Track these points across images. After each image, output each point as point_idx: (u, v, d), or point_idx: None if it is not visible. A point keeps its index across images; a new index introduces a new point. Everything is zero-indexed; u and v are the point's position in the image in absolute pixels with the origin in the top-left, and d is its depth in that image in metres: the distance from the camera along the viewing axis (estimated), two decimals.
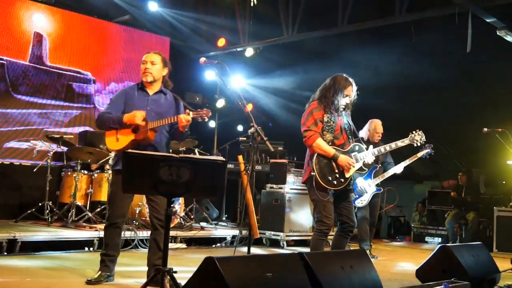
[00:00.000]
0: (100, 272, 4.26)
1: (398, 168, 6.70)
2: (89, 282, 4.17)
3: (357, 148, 4.54)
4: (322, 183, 4.34)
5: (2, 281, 4.18)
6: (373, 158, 4.65)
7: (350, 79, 4.53)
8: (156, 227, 4.25)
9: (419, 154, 6.50)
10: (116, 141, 4.28)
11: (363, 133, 6.85)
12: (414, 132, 5.15)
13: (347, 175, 4.42)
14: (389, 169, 6.77)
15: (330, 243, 4.75)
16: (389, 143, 4.98)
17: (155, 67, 4.35)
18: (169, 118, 4.19)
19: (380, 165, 6.65)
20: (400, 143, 5.07)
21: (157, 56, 4.39)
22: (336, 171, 4.39)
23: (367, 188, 6.61)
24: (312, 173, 4.36)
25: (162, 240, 4.08)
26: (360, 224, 6.67)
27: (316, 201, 4.41)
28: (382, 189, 6.76)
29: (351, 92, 4.51)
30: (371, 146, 4.70)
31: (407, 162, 6.67)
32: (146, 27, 9.70)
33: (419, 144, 5.13)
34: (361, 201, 6.61)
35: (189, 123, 4.16)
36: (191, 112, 4.11)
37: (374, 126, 6.84)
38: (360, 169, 4.54)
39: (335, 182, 4.38)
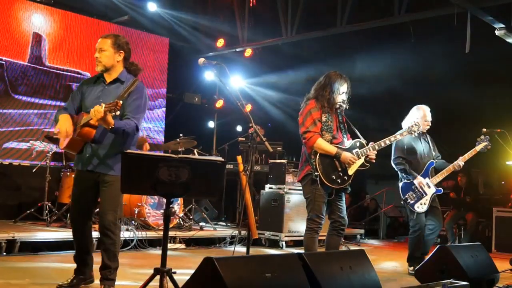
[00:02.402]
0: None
1: (459, 164, 5.71)
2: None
3: (358, 144, 4.52)
4: (326, 182, 4.34)
5: (1, 282, 4.17)
6: (375, 152, 4.51)
7: (344, 76, 4.52)
8: (102, 230, 3.80)
9: (478, 148, 5.75)
10: (64, 140, 3.93)
11: (409, 122, 5.54)
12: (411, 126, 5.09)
13: (350, 173, 4.42)
14: (439, 165, 5.84)
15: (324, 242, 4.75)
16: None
17: (104, 54, 3.82)
18: (87, 116, 3.71)
19: (435, 161, 5.86)
20: (399, 135, 5.05)
21: (107, 41, 3.84)
22: (339, 169, 4.40)
23: (425, 188, 5.67)
24: (315, 173, 4.34)
25: (109, 249, 3.78)
26: (412, 235, 5.70)
27: (309, 199, 4.43)
28: (442, 190, 5.83)
29: (347, 89, 4.50)
30: (371, 142, 4.67)
31: (466, 157, 5.73)
32: (145, 28, 9.69)
33: (416, 135, 5.09)
34: (421, 205, 5.65)
35: (101, 118, 3.50)
36: (103, 105, 3.51)
37: (423, 114, 5.79)
38: (362, 165, 4.53)
39: (339, 180, 4.39)
